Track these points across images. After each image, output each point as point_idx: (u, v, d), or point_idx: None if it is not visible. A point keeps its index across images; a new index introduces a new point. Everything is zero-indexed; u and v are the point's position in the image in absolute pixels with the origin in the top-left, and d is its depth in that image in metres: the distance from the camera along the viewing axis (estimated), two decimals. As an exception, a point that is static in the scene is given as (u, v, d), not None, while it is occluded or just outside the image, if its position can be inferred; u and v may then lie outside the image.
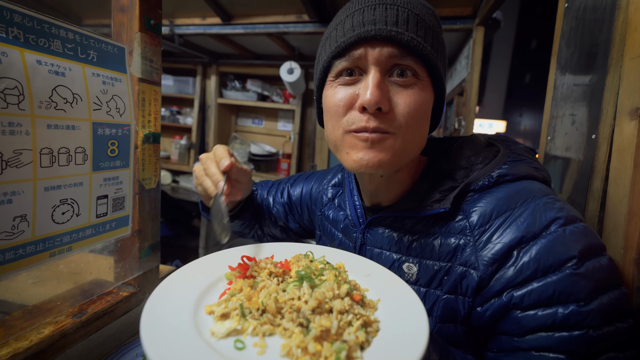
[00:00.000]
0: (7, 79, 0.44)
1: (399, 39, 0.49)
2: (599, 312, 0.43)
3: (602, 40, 0.69)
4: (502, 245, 0.48)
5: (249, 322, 0.39)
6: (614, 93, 0.62)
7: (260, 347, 0.36)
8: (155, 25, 0.69)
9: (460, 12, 1.73)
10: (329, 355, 0.34)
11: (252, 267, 0.51)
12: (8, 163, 0.45)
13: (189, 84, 3.09)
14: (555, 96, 0.88)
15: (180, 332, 0.37)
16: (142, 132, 0.69)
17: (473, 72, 1.71)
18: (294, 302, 0.40)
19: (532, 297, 0.45)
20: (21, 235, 0.49)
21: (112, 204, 0.64)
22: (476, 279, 0.49)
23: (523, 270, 0.46)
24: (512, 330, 0.46)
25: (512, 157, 0.58)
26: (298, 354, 0.35)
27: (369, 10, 0.51)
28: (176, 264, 1.05)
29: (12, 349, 0.51)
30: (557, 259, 0.45)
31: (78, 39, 0.55)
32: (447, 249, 0.54)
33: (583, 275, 0.44)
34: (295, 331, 0.37)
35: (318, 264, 0.52)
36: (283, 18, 1.98)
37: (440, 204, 0.55)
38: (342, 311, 0.40)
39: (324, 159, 2.92)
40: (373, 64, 0.51)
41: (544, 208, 0.49)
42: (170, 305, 0.41)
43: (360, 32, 0.50)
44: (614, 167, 0.61)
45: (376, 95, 0.49)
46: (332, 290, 0.42)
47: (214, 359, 0.34)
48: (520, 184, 0.54)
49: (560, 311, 0.43)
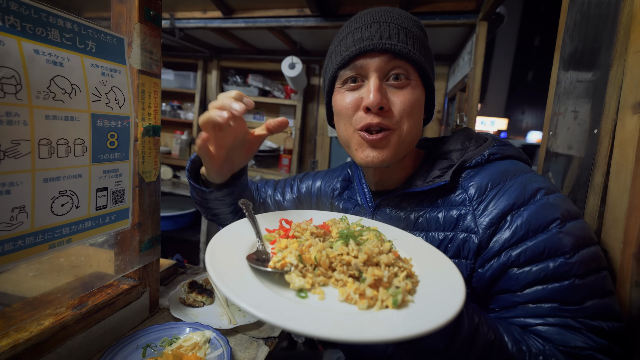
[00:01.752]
0: (4, 67, 0.44)
1: (392, 49, 0.60)
2: (581, 263, 0.51)
3: (606, 34, 0.68)
4: (498, 211, 0.57)
5: (307, 275, 0.44)
6: (617, 87, 0.62)
7: (320, 295, 0.42)
8: (154, 16, 0.68)
9: (464, 7, 1.71)
10: (386, 298, 0.39)
11: (294, 228, 0.55)
12: (6, 153, 0.45)
13: (190, 79, 3.07)
14: (557, 92, 0.87)
15: (249, 284, 0.42)
16: (142, 124, 0.69)
17: (476, 67, 1.70)
18: (343, 257, 0.46)
19: (527, 254, 0.53)
20: (20, 226, 0.49)
21: (112, 196, 0.64)
22: (476, 242, 0.58)
23: (517, 231, 0.55)
24: (512, 286, 0.54)
25: (500, 142, 0.69)
26: (356, 299, 0.40)
27: (366, 28, 0.62)
28: (176, 258, 1.06)
29: (12, 340, 0.51)
30: (544, 220, 0.54)
31: (76, 28, 0.54)
32: (450, 220, 0.62)
33: (566, 232, 0.53)
34: (349, 281, 0.43)
35: (355, 225, 0.58)
36: (284, 12, 1.96)
37: (440, 179, 0.64)
38: (388, 264, 0.46)
39: (325, 154, 2.92)
40: (373, 71, 0.62)
41: (530, 180, 0.59)
42: (229, 260, 0.46)
43: (361, 47, 0.61)
44: (616, 162, 0.61)
45: (377, 98, 0.60)
46: (377, 247, 0.48)
47: (287, 304, 0.39)
48: (508, 162, 0.64)
49: (550, 265, 0.52)
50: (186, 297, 0.83)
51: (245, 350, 0.70)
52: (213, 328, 0.69)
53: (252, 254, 0.49)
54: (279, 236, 0.55)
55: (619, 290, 0.57)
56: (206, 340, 0.66)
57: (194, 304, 0.82)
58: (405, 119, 0.62)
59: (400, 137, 0.63)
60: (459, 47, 2.20)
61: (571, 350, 0.50)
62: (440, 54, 2.45)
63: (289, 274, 0.44)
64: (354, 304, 0.40)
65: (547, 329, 0.51)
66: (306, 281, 0.43)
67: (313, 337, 0.34)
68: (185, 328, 0.69)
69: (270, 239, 0.55)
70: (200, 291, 0.85)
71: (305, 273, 0.45)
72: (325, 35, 2.21)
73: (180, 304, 0.82)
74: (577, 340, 0.50)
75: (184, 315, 0.77)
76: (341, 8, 1.88)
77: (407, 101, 0.62)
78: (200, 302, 0.83)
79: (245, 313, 0.81)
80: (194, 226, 2.86)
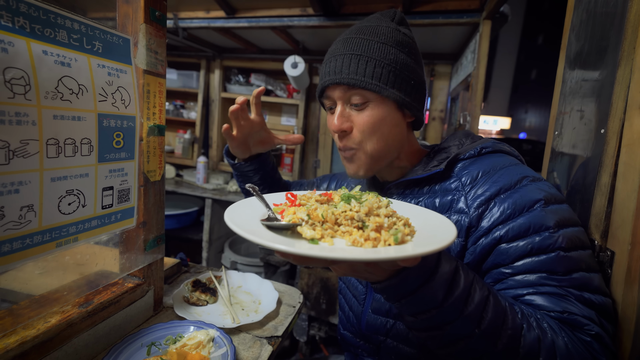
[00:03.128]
0: (13, 69, 0.44)
1: (342, 82, 0.69)
2: (565, 238, 0.56)
3: (613, 32, 0.67)
4: (487, 194, 0.63)
5: (317, 229, 0.49)
6: (624, 86, 0.61)
7: (329, 242, 0.47)
8: (160, 16, 0.68)
9: (467, 6, 1.70)
10: (387, 238, 0.45)
11: (300, 197, 0.61)
12: (15, 153, 0.46)
13: (193, 78, 3.07)
14: (563, 91, 0.87)
15: (267, 234, 0.47)
16: (147, 124, 0.69)
17: (479, 66, 1.69)
18: (347, 213, 0.50)
19: (514, 230, 0.58)
20: (28, 225, 0.49)
21: (118, 195, 0.64)
22: (467, 221, 0.64)
23: (504, 211, 0.60)
24: (503, 260, 0.59)
25: (494, 140, 0.76)
26: (362, 242, 0.45)
27: (333, 61, 0.71)
28: (180, 257, 1.06)
29: (20, 337, 0.51)
30: (528, 200, 0.59)
31: (83, 29, 0.54)
32: (445, 204, 0.68)
33: (549, 211, 0.58)
34: (354, 231, 0.48)
35: (355, 192, 0.62)
36: (287, 11, 1.96)
37: (437, 167, 0.71)
38: (387, 215, 0.51)
39: (328, 154, 2.92)
40: (337, 100, 0.72)
41: (518, 170, 0.65)
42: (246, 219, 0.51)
43: (326, 81, 0.71)
44: (623, 162, 0.61)
45: (337, 124, 0.71)
46: (376, 203, 0.54)
47: (303, 243, 0.45)
48: (500, 155, 0.71)
49: (536, 239, 0.57)
50: (190, 296, 0.84)
51: (249, 349, 0.70)
52: (217, 327, 0.69)
53: (264, 218, 0.54)
54: (287, 206, 0.59)
55: (627, 292, 0.57)
56: (210, 339, 0.66)
57: (197, 303, 0.83)
58: (367, 137, 0.71)
59: (367, 154, 0.72)
60: (462, 46, 2.19)
61: (559, 314, 0.53)
62: (443, 53, 2.44)
63: (300, 227, 0.49)
64: (360, 246, 0.45)
65: (536, 297, 0.55)
66: (316, 233, 0.48)
67: (333, 259, 0.39)
68: (190, 326, 0.70)
69: (278, 210, 0.59)
70: (204, 290, 0.85)
71: (315, 228, 0.49)
72: (328, 34, 2.21)
73: (184, 302, 0.83)
74: (565, 305, 0.54)
75: (188, 313, 0.77)
76: (344, 7, 1.88)
77: (366, 122, 0.70)
78: (204, 300, 0.84)
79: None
80: (196, 225, 2.86)
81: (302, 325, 2.07)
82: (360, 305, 0.80)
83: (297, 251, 0.39)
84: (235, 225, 0.45)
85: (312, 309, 2.04)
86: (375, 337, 0.77)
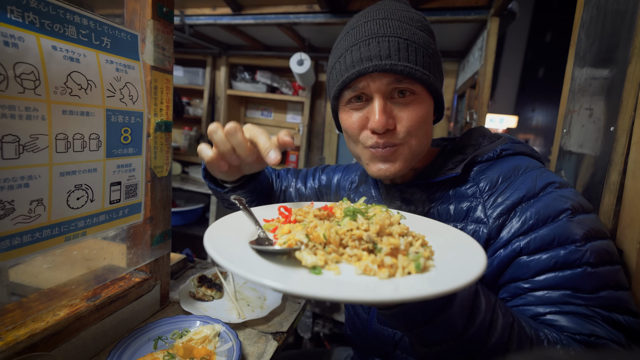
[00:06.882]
0: (23, 64, 0.45)
1: (394, 69, 0.57)
2: (593, 252, 0.50)
3: (624, 29, 0.66)
4: (508, 203, 0.57)
5: (318, 253, 0.41)
6: (635, 84, 0.60)
7: (334, 270, 0.39)
8: (167, 12, 0.68)
9: (475, 3, 1.69)
10: (407, 264, 0.37)
11: (295, 212, 0.52)
12: (25, 147, 0.46)
13: (199, 75, 3.09)
14: (572, 89, 0.86)
15: (257, 262, 0.39)
16: (154, 120, 0.69)
17: (487, 64, 1.68)
18: (353, 232, 0.43)
19: (537, 242, 0.52)
20: (37, 219, 0.50)
21: (125, 190, 0.65)
22: (486, 232, 0.57)
23: (526, 221, 0.54)
24: (522, 274, 0.53)
25: (513, 140, 0.69)
26: (375, 269, 0.38)
27: (365, 45, 0.58)
28: (186, 253, 1.07)
29: (29, 330, 0.52)
30: (554, 210, 0.53)
31: (92, 25, 0.55)
32: (461, 211, 0.62)
33: (577, 222, 0.52)
34: (364, 254, 0.40)
35: (359, 205, 0.54)
36: (293, 8, 1.96)
37: (452, 171, 0.64)
38: (401, 234, 0.44)
39: (333, 151, 2.91)
40: (376, 93, 0.59)
41: (542, 175, 0.58)
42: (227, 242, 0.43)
43: (361, 69, 0.58)
44: (633, 160, 0.60)
45: (382, 120, 0.58)
46: (387, 219, 0.45)
47: (304, 275, 0.37)
48: (520, 158, 0.64)
49: (561, 252, 0.51)
50: (196, 291, 0.85)
51: (254, 344, 0.70)
52: (223, 322, 0.70)
53: (253, 240, 0.45)
54: (280, 223, 0.51)
55: (635, 291, 0.57)
56: (216, 334, 0.66)
57: (203, 298, 0.84)
58: (413, 134, 0.61)
59: (411, 149, 0.63)
60: (469, 43, 2.17)
61: (586, 338, 0.47)
62: (450, 50, 2.42)
63: (299, 252, 0.40)
64: (373, 275, 0.37)
65: (559, 317, 0.49)
66: (318, 258, 0.39)
67: (346, 301, 0.31)
68: (196, 321, 0.70)
69: (270, 227, 0.51)
70: (210, 285, 0.86)
71: (316, 252, 0.41)
72: (334, 31, 2.20)
73: (190, 297, 0.83)
74: (592, 328, 0.48)
75: (194, 309, 0.78)
76: (350, 4, 1.87)
77: (414, 117, 0.60)
78: (210, 296, 0.84)
79: (256, 309, 0.82)
80: (201, 221, 2.88)
81: (307, 322, 2.08)
82: (366, 313, 0.75)
83: (299, 292, 0.31)
84: (216, 252, 0.36)
85: (316, 305, 2.04)
86: (384, 347, 0.71)
